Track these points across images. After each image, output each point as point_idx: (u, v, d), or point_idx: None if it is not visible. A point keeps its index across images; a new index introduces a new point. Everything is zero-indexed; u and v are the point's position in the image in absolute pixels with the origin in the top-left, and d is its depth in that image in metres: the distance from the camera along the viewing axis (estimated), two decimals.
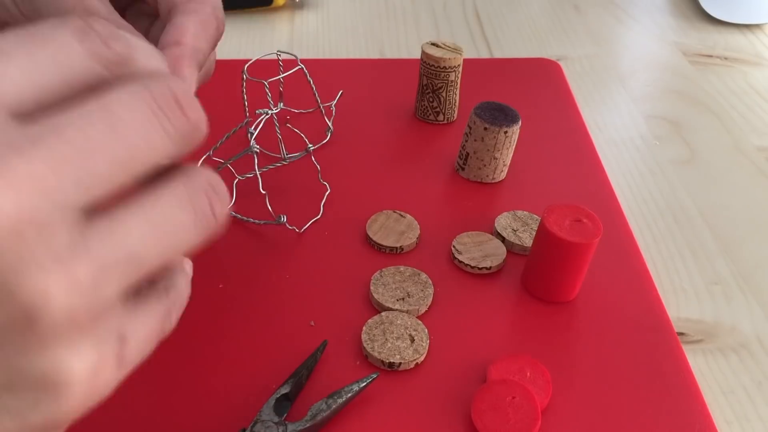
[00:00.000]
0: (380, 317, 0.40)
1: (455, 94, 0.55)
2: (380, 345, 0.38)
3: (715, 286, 0.46)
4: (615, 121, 0.61)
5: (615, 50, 0.71)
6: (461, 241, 0.45)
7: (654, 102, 0.63)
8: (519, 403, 0.35)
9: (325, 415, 0.34)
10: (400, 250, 0.45)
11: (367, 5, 0.76)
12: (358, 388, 0.36)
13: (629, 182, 0.54)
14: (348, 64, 0.64)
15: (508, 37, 0.72)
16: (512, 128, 0.48)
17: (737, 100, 0.64)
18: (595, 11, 0.77)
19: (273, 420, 0.34)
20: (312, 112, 0.55)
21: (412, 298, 0.41)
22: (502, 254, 0.44)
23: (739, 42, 0.72)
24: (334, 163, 0.51)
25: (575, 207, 0.40)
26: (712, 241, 0.49)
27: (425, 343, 0.38)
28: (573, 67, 0.67)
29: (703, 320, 0.44)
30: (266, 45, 0.68)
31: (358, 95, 0.58)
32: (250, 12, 0.72)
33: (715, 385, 0.40)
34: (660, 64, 0.69)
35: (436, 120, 0.56)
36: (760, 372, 0.41)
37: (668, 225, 0.50)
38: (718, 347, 0.42)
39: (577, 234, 0.39)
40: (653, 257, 0.48)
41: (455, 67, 0.53)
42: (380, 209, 0.48)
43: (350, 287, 0.42)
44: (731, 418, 0.38)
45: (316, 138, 0.53)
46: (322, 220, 0.47)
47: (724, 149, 0.58)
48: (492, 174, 0.50)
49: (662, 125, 0.60)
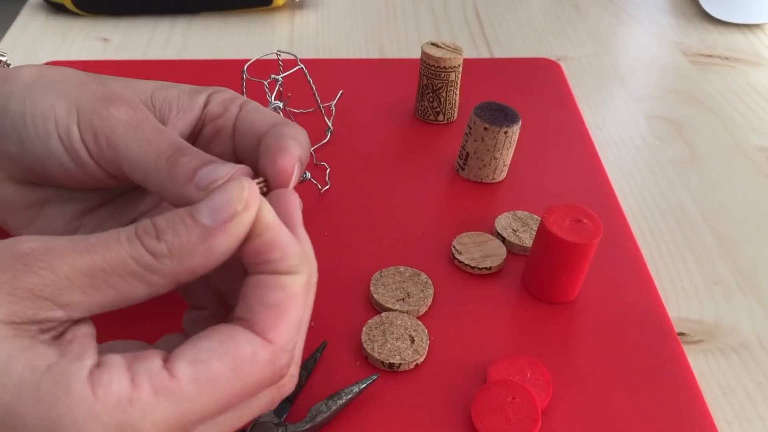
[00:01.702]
0: (380, 318, 0.40)
1: (455, 94, 0.55)
2: (380, 346, 0.38)
3: (715, 286, 0.46)
4: (615, 121, 0.61)
5: (615, 50, 0.71)
6: (461, 241, 0.45)
7: (654, 102, 0.63)
8: (519, 403, 0.35)
9: (324, 416, 0.34)
10: None
11: (367, 5, 0.76)
12: (358, 390, 0.35)
13: (629, 182, 0.54)
14: (348, 64, 0.64)
15: (508, 37, 0.72)
16: (512, 128, 0.48)
17: (737, 100, 0.64)
18: (596, 11, 0.77)
19: (273, 421, 0.34)
20: (312, 112, 0.55)
21: (412, 298, 0.41)
22: (502, 254, 0.44)
23: (740, 42, 0.72)
24: (334, 163, 0.51)
25: (575, 207, 0.40)
26: (712, 241, 0.49)
27: (425, 344, 0.38)
28: (573, 67, 0.67)
29: (703, 320, 0.44)
30: (266, 45, 0.68)
31: (358, 95, 0.58)
32: (250, 12, 0.72)
33: (716, 385, 0.40)
34: (660, 64, 0.69)
35: (436, 120, 0.56)
36: (760, 372, 0.41)
37: (668, 225, 0.50)
38: (719, 347, 0.42)
39: (578, 234, 0.39)
40: (653, 257, 0.47)
41: (455, 67, 0.53)
42: (380, 209, 0.48)
43: (350, 287, 0.42)
44: (731, 418, 0.38)
45: (316, 138, 0.52)
46: (321, 221, 0.47)
47: (725, 149, 0.58)
48: (492, 174, 0.50)
49: (662, 125, 0.60)
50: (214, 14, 0.72)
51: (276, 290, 0.25)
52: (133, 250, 0.24)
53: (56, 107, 0.31)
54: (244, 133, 0.33)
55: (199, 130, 0.34)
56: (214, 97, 0.34)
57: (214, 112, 0.34)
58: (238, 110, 0.34)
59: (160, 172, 0.29)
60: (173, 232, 0.24)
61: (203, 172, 0.28)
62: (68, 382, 0.22)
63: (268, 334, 0.25)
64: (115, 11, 0.70)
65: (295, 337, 0.26)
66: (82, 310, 0.24)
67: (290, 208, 0.28)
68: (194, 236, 0.24)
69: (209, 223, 0.24)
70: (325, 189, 0.49)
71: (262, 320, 0.25)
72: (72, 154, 0.31)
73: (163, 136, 0.30)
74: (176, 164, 0.29)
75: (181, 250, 0.24)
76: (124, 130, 0.30)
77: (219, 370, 0.24)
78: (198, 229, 0.24)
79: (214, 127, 0.34)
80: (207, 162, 0.28)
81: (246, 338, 0.25)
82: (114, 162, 0.31)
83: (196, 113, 0.34)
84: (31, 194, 0.34)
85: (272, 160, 0.30)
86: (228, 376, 0.24)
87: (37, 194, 0.34)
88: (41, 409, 0.21)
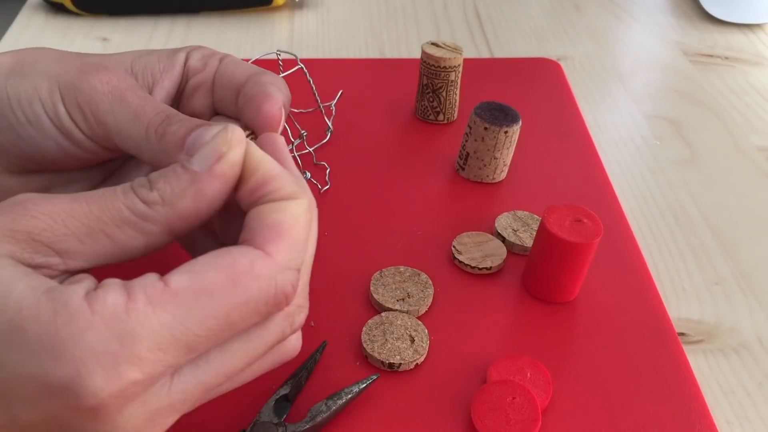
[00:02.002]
0: (380, 318, 0.40)
1: (455, 94, 0.55)
2: (380, 345, 0.38)
3: (715, 286, 0.46)
4: (615, 120, 0.61)
5: (615, 50, 0.71)
6: (461, 241, 0.45)
7: (654, 102, 0.63)
8: (519, 403, 0.35)
9: (324, 416, 0.34)
10: None
11: (367, 5, 0.76)
12: (358, 390, 0.35)
13: (629, 182, 0.54)
14: (348, 64, 0.64)
15: (508, 36, 0.72)
16: (512, 128, 0.48)
17: (738, 99, 0.64)
18: (596, 11, 0.77)
19: (272, 421, 0.34)
20: (312, 112, 0.55)
21: (412, 298, 0.41)
22: (502, 254, 0.44)
23: (740, 42, 0.72)
24: (334, 163, 0.51)
25: (575, 207, 0.40)
26: (712, 241, 0.49)
27: (425, 344, 0.38)
28: (573, 67, 0.67)
29: (703, 320, 0.44)
30: (266, 45, 0.68)
31: (358, 95, 0.58)
32: (250, 12, 0.72)
33: (716, 385, 0.40)
34: (660, 63, 0.69)
35: (436, 120, 0.56)
36: (760, 372, 0.41)
37: (668, 225, 0.50)
38: (719, 347, 0.42)
39: (578, 234, 0.39)
40: (653, 257, 0.47)
41: (455, 67, 0.53)
42: (380, 209, 0.47)
43: (350, 287, 0.42)
44: (732, 418, 0.38)
45: (315, 138, 0.52)
46: (321, 221, 0.47)
47: (725, 149, 0.58)
48: (492, 174, 0.50)
49: (663, 125, 0.60)
50: (213, 14, 0.72)
51: (277, 212, 0.25)
52: (128, 200, 0.25)
53: (39, 88, 0.30)
54: (223, 86, 0.33)
55: (183, 87, 0.34)
56: (193, 54, 0.34)
57: (195, 66, 0.34)
58: (218, 64, 0.34)
59: (151, 146, 0.29)
60: (164, 180, 0.25)
61: (191, 139, 0.28)
62: (65, 299, 0.22)
63: (268, 247, 0.25)
64: (114, 11, 0.70)
65: (298, 256, 0.25)
66: (80, 259, 0.24)
67: (280, 148, 0.28)
68: (184, 181, 0.25)
69: (198, 169, 0.25)
70: (325, 189, 0.49)
71: (261, 236, 0.25)
72: (65, 133, 0.31)
73: (148, 106, 0.30)
74: (165, 135, 0.29)
75: (172, 196, 0.25)
76: (109, 104, 0.30)
77: (215, 279, 0.24)
78: (188, 175, 0.25)
79: (196, 81, 0.34)
80: (194, 127, 0.28)
81: (244, 251, 0.24)
82: (106, 137, 0.31)
83: (178, 71, 0.34)
84: (33, 182, 0.34)
85: (257, 108, 0.30)
86: (225, 285, 0.24)
87: (39, 182, 0.34)
88: (41, 324, 0.22)
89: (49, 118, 0.30)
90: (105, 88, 0.30)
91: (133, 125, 0.30)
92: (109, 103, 0.30)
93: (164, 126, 0.29)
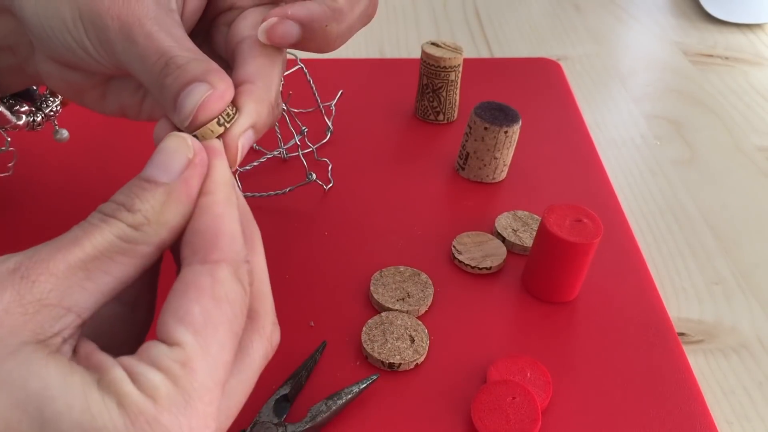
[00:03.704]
0: (380, 317, 0.40)
1: (455, 94, 0.55)
2: (380, 345, 0.38)
3: (715, 286, 0.46)
4: (615, 120, 0.61)
5: (615, 50, 0.71)
6: (461, 241, 0.45)
7: (654, 102, 0.63)
8: (519, 403, 0.35)
9: (324, 416, 0.34)
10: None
11: None
12: (358, 390, 0.35)
13: (629, 182, 0.54)
14: (348, 64, 0.64)
15: (508, 37, 0.72)
16: (512, 128, 0.48)
17: (738, 99, 0.64)
18: (596, 11, 0.77)
19: (272, 421, 0.34)
20: (312, 112, 0.55)
21: (412, 298, 0.41)
22: (502, 254, 0.44)
23: (740, 42, 0.72)
24: (334, 163, 0.51)
25: (575, 207, 0.40)
26: (712, 241, 0.49)
27: (425, 344, 0.38)
28: (573, 67, 0.67)
29: (703, 320, 0.44)
30: None
31: (358, 95, 0.58)
32: None
33: (716, 385, 0.40)
34: (660, 63, 0.69)
35: (436, 120, 0.56)
36: (760, 372, 0.41)
37: (668, 225, 0.50)
38: (719, 347, 0.42)
39: (578, 234, 0.39)
40: (653, 257, 0.47)
41: (455, 67, 0.53)
42: (380, 209, 0.47)
43: (350, 287, 0.42)
44: (732, 418, 0.38)
45: (316, 138, 0.52)
46: (321, 220, 0.47)
47: (725, 149, 0.58)
48: (492, 174, 0.50)
49: (662, 125, 0.60)
50: None
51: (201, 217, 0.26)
52: (116, 229, 0.24)
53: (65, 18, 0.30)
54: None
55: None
56: None
57: None
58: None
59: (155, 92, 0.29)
60: (140, 200, 0.25)
61: (181, 99, 0.28)
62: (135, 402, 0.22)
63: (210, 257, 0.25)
64: None
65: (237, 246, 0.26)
66: (88, 307, 0.24)
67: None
68: (160, 195, 0.25)
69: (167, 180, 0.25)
70: (329, 187, 0.49)
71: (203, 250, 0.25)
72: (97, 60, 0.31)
73: (151, 48, 0.29)
74: (163, 87, 0.29)
75: (155, 213, 0.25)
76: (120, 44, 0.29)
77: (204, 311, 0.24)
78: (162, 188, 0.25)
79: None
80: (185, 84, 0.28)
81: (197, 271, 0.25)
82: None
83: None
84: (92, 77, 0.34)
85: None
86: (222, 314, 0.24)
87: (96, 76, 0.34)
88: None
89: (81, 48, 0.31)
90: (115, 24, 0.29)
91: (140, 69, 0.29)
92: (120, 42, 0.30)
93: (162, 76, 0.29)
